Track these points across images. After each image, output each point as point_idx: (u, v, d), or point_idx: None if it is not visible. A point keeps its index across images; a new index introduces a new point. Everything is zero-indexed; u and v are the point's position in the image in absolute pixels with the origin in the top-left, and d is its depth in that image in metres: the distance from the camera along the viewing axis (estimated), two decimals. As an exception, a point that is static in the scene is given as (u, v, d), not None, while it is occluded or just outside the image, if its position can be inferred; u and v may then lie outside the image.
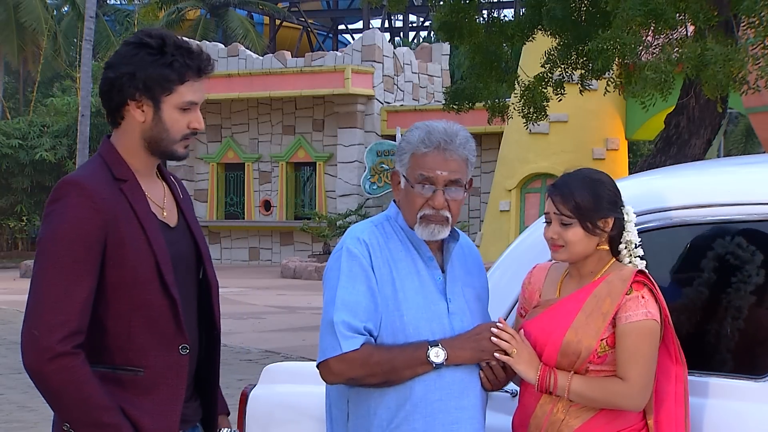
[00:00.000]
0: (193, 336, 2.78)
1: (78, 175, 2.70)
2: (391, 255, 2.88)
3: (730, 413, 2.92)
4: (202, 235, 2.85)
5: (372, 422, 2.84)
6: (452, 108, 11.26)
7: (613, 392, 2.79)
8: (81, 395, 2.57)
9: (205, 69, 2.72)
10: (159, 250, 2.67)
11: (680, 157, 10.01)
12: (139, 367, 2.67)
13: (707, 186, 3.22)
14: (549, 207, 2.89)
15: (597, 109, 19.62)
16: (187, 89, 2.69)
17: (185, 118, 2.70)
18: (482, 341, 2.85)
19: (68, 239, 2.59)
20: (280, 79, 25.93)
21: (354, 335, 2.77)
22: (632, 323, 2.79)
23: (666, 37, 9.11)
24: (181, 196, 2.85)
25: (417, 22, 42.62)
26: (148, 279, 2.65)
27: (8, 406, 9.21)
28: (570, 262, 2.92)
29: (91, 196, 2.61)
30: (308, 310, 16.50)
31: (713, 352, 3.09)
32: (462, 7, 10.84)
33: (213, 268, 2.86)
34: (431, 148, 2.85)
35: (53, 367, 2.55)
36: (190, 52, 2.69)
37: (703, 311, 3.17)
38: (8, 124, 30.84)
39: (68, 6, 37.04)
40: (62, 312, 2.57)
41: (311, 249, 26.32)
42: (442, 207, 2.84)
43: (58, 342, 2.55)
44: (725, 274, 3.13)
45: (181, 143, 2.72)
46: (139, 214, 2.67)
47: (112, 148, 2.74)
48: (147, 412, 2.65)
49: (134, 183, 2.71)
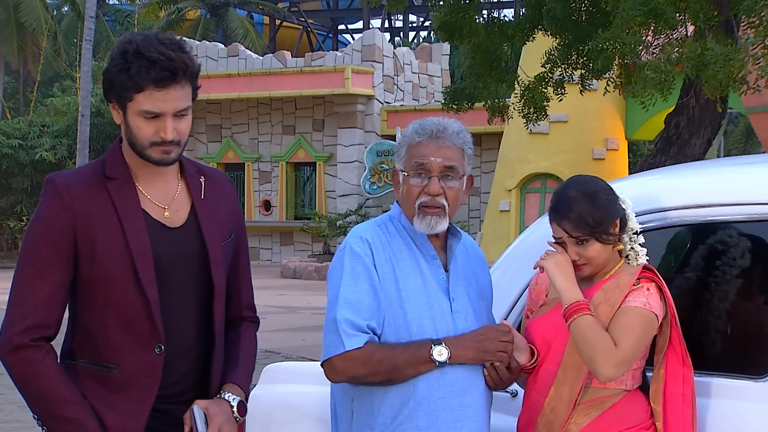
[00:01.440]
0: (189, 337, 2.77)
1: (58, 173, 2.76)
2: (393, 254, 2.89)
3: (731, 413, 2.92)
4: (217, 238, 2.80)
5: (375, 420, 2.84)
6: (452, 108, 11.26)
7: (601, 342, 2.75)
8: (39, 387, 2.64)
9: (167, 79, 2.61)
10: (138, 248, 2.67)
11: (680, 157, 10.02)
12: (113, 364, 2.69)
13: (707, 186, 3.22)
14: (558, 232, 2.90)
15: (597, 109, 19.61)
16: (146, 99, 2.62)
17: (150, 126, 2.65)
18: (486, 342, 2.85)
19: (35, 236, 2.67)
20: (280, 79, 25.93)
21: (357, 333, 2.78)
22: (631, 306, 2.82)
23: (666, 37, 9.10)
24: (202, 195, 2.82)
25: (417, 22, 42.62)
26: (121, 277, 2.66)
27: (8, 406, 9.22)
28: (595, 274, 2.93)
29: (59, 194, 2.66)
30: (308, 310, 16.50)
31: (713, 352, 3.10)
32: (462, 7, 10.84)
33: (222, 270, 2.81)
34: (425, 137, 2.89)
35: (13, 359, 2.64)
36: (150, 62, 2.60)
37: (701, 311, 3.17)
38: (8, 124, 30.83)
39: (68, 6, 37.03)
40: (23, 306, 2.65)
41: (311, 249, 26.32)
42: (437, 193, 2.85)
43: (17, 334, 2.63)
44: (724, 273, 3.13)
45: (153, 149, 2.68)
46: (120, 212, 2.67)
47: (116, 147, 2.77)
48: (114, 409, 2.66)
49: (124, 182, 2.71)
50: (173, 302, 2.73)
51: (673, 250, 3.44)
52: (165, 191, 2.78)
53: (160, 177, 2.77)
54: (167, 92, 2.63)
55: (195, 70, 2.70)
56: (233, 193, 2.95)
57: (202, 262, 2.78)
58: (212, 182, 2.87)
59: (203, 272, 2.79)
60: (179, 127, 2.68)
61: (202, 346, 2.81)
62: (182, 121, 2.68)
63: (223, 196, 2.89)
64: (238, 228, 2.92)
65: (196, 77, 2.72)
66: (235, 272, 2.91)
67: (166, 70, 2.61)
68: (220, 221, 2.84)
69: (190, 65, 2.66)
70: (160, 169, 2.76)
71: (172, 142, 2.67)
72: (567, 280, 2.85)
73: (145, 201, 2.74)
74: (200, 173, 2.86)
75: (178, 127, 2.67)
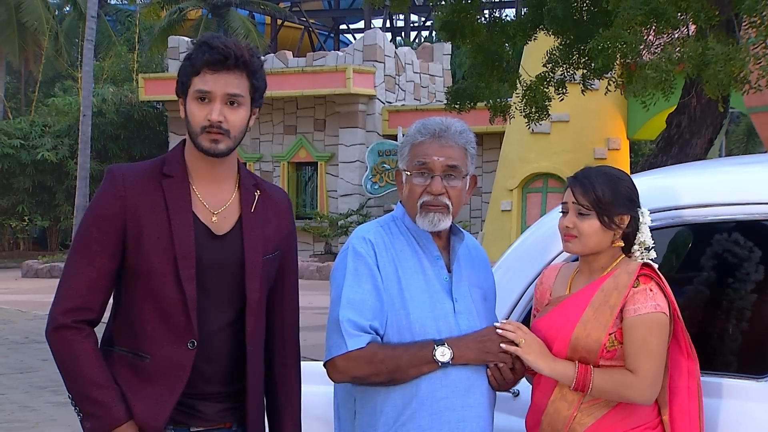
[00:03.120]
0: (221, 342, 2.81)
1: (119, 164, 2.87)
2: (396, 254, 2.90)
3: (731, 413, 2.92)
4: (259, 251, 2.84)
5: (378, 420, 2.85)
6: (454, 108, 11.26)
7: (623, 384, 2.78)
8: (75, 368, 2.73)
9: (219, 62, 2.74)
10: (181, 245, 2.74)
11: (682, 156, 10.01)
12: (147, 353, 2.76)
13: (709, 185, 3.22)
14: (567, 197, 2.90)
15: (598, 109, 19.61)
16: (200, 79, 2.76)
17: (202, 109, 2.76)
18: (488, 343, 2.86)
19: (88, 222, 2.78)
20: (282, 78, 25.92)
21: (360, 334, 2.79)
22: (640, 316, 2.79)
23: (667, 36, 9.10)
24: (252, 209, 2.87)
25: (418, 21, 42.61)
26: (163, 270, 2.73)
27: (10, 406, 9.22)
28: (581, 254, 2.92)
29: (115, 184, 2.76)
30: (310, 309, 16.48)
31: (714, 351, 3.10)
32: (463, 7, 10.83)
33: (258, 284, 2.84)
34: (427, 137, 2.91)
35: (54, 337, 2.76)
36: (210, 47, 2.76)
37: (703, 311, 3.17)
38: (10, 124, 30.84)
39: (70, 6, 37.05)
40: (69, 287, 2.76)
41: (313, 249, 26.32)
42: (439, 192, 2.86)
43: (60, 314, 2.74)
44: (726, 273, 3.13)
45: (203, 136, 2.77)
46: (170, 209, 2.76)
47: (179, 147, 2.87)
48: (143, 398, 2.74)
49: (180, 180, 2.80)
50: (208, 305, 2.79)
51: (674, 249, 3.44)
52: (219, 197, 2.84)
53: (216, 183, 2.84)
54: (219, 75, 2.75)
55: (253, 64, 2.80)
56: (288, 212, 3.00)
57: (240, 273, 2.83)
58: (266, 197, 2.93)
59: (239, 283, 2.83)
60: (230, 116, 2.77)
61: (233, 355, 2.84)
62: (234, 111, 2.78)
63: (276, 212, 2.94)
64: (286, 246, 2.97)
65: (254, 73, 2.81)
66: (280, 290, 2.95)
67: (219, 54, 2.74)
68: (266, 236, 2.88)
69: (246, 56, 2.78)
70: (217, 174, 2.83)
71: (221, 130, 2.75)
72: (550, 362, 2.83)
73: (197, 203, 2.81)
74: (257, 187, 2.93)
75: (229, 116, 2.77)
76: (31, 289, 20.91)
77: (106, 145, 29.38)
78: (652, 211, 3.10)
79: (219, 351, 2.82)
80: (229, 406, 2.86)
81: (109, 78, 33.18)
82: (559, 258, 3.25)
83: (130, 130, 29.69)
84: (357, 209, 24.84)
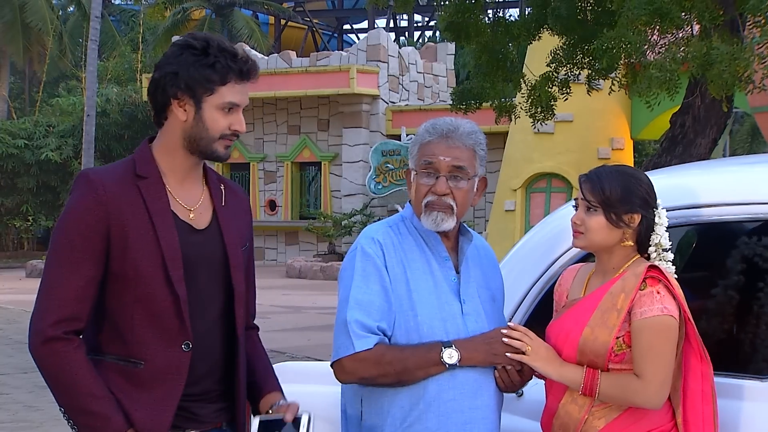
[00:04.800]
0: (212, 338, 2.80)
1: (92, 168, 2.82)
2: (405, 255, 2.89)
3: (736, 413, 2.92)
4: (237, 243, 2.86)
5: (385, 421, 2.85)
6: (460, 109, 11.25)
7: (630, 389, 2.77)
8: (69, 380, 2.66)
9: (248, 73, 2.78)
10: (167, 246, 2.71)
11: (686, 156, 9.99)
12: (140, 359, 2.71)
13: (712, 185, 3.22)
14: (579, 192, 2.91)
15: (602, 109, 19.58)
16: (228, 90, 2.75)
17: (226, 119, 2.77)
18: (495, 344, 2.85)
19: (68, 229, 2.70)
20: (285, 78, 25.92)
21: (367, 335, 2.79)
22: (647, 319, 2.77)
23: (671, 36, 9.09)
24: (223, 203, 2.88)
25: (422, 21, 42.59)
26: (151, 274, 2.70)
27: (14, 406, 9.23)
28: (587, 250, 2.93)
29: (95, 188, 2.69)
30: (313, 309, 16.50)
31: (718, 352, 3.09)
32: (467, 7, 10.82)
33: (241, 275, 2.86)
34: (435, 136, 2.91)
35: (44, 351, 2.66)
36: (234, 56, 2.76)
37: (707, 311, 3.17)
38: (14, 124, 30.87)
39: (74, 6, 37.06)
40: (56, 298, 2.67)
41: (316, 249, 26.32)
42: (443, 192, 2.86)
43: (50, 326, 2.65)
44: (728, 273, 3.12)
45: (220, 142, 2.78)
46: (150, 211, 2.72)
47: (145, 147, 2.83)
48: (142, 405, 2.69)
49: (155, 181, 2.77)
50: (197, 302, 2.77)
51: (678, 249, 3.43)
52: (192, 194, 2.83)
53: (188, 180, 2.84)
54: (245, 86, 2.79)
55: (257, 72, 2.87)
56: (248, 204, 3.03)
57: (224, 265, 2.83)
58: (230, 191, 2.94)
59: (224, 276, 2.83)
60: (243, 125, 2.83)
61: (224, 348, 2.84)
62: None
63: (240, 206, 2.96)
64: (251, 238, 3.00)
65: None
66: (247, 281, 2.94)
67: (251, 64, 2.78)
68: (239, 229, 2.90)
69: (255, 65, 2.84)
70: (188, 173, 2.83)
71: (237, 136, 2.81)
72: (557, 367, 2.83)
73: (173, 201, 2.79)
74: (220, 181, 2.94)
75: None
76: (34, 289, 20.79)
77: (110, 146, 29.40)
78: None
79: (211, 347, 2.80)
80: (223, 406, 2.85)
81: (113, 78, 33.22)
82: (563, 258, 3.25)
83: (134, 131, 29.69)
84: (360, 209, 24.84)
